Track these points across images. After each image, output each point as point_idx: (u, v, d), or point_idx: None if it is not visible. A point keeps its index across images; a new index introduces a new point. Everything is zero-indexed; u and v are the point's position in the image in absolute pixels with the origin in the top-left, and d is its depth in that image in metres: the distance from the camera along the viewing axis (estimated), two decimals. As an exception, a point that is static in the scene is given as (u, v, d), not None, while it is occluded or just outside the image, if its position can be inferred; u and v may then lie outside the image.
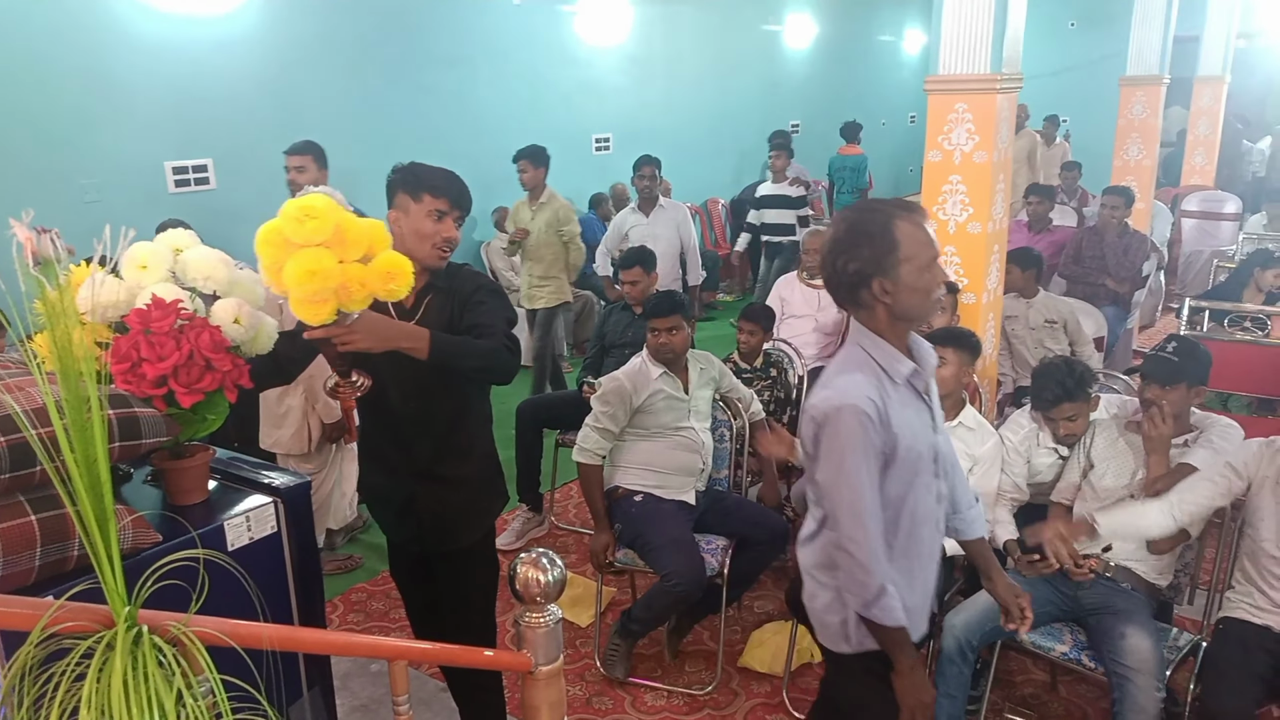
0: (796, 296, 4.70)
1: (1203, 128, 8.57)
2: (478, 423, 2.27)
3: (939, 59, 3.56)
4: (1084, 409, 2.79)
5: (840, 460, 1.73)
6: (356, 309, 1.68)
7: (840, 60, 11.14)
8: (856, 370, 1.78)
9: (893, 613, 1.77)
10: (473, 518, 2.29)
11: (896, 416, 1.76)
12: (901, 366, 1.79)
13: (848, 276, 1.76)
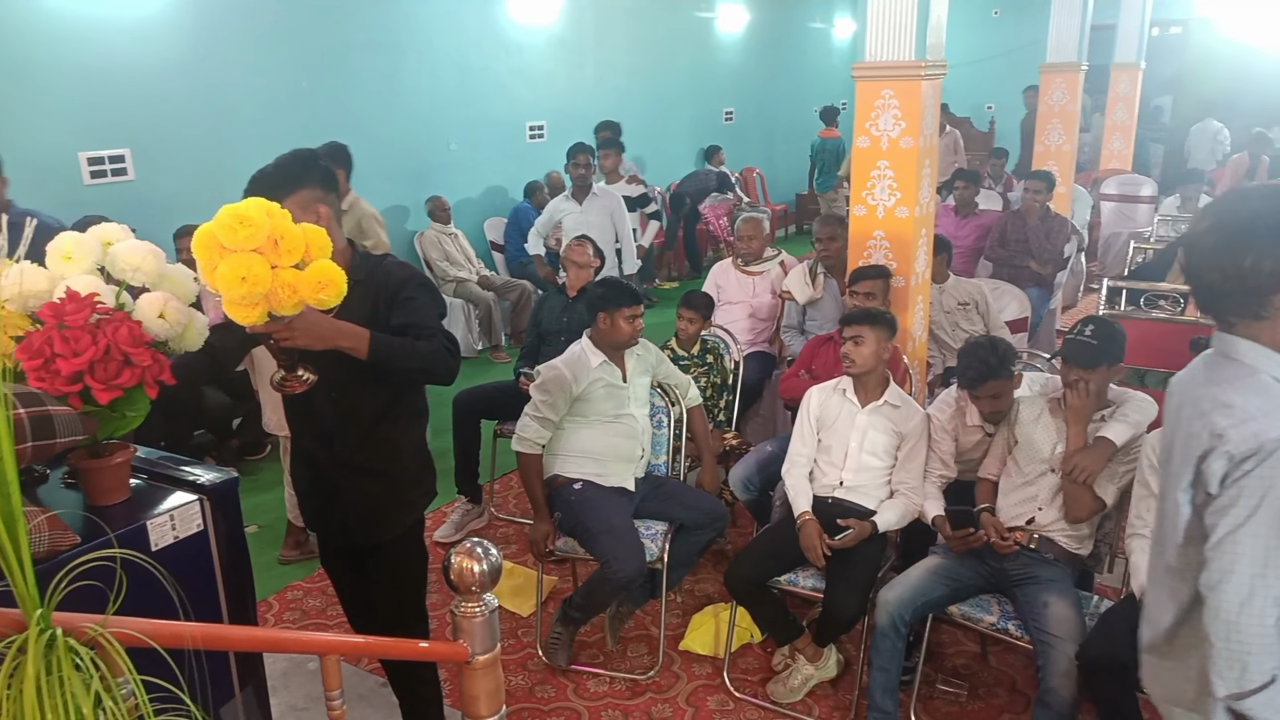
0: (731, 283, 4.74)
1: (1120, 113, 8.85)
2: (407, 417, 2.25)
3: (865, 46, 3.62)
4: (1007, 387, 2.88)
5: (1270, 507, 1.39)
6: (287, 314, 1.66)
7: (773, 47, 11.24)
8: (1260, 396, 1.43)
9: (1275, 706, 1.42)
10: (399, 511, 2.27)
11: None
12: None
13: (1259, 279, 1.42)
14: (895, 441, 3.03)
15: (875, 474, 3.03)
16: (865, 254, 3.87)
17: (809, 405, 3.17)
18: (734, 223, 5.47)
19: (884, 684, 2.68)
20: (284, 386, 1.85)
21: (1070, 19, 6.63)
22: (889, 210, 3.77)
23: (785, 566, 2.95)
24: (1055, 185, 6.07)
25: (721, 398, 3.99)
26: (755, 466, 3.50)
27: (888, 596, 2.68)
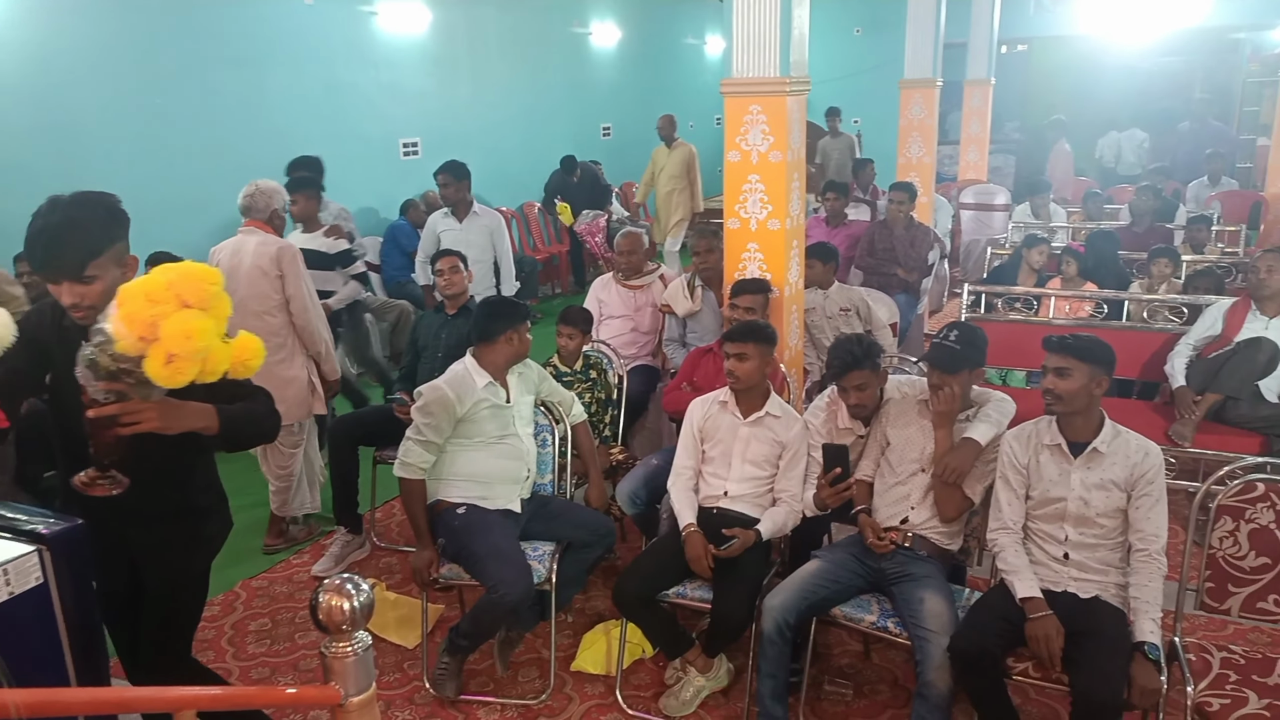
0: (614, 297, 4.75)
1: (974, 127, 9.35)
2: (194, 452, 2.12)
3: (733, 63, 3.69)
4: (872, 379, 2.95)
5: None
6: (181, 383, 1.58)
7: (648, 63, 11.38)
8: None
9: None
10: (193, 551, 2.19)
11: None
12: None
13: None
14: (777, 451, 3.08)
15: (758, 483, 3.08)
16: (740, 266, 3.95)
17: (692, 418, 3.20)
18: (611, 238, 5.49)
19: (773, 689, 2.72)
20: (92, 487, 1.70)
21: (924, 37, 6.97)
22: (761, 223, 3.85)
23: (673, 579, 2.96)
24: (917, 195, 6.35)
25: (606, 413, 3.99)
26: (641, 480, 3.51)
27: (772, 603, 2.72)
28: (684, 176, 8.16)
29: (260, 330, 3.95)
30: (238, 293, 3.88)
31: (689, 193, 8.25)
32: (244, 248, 3.85)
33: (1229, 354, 3.95)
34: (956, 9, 8.94)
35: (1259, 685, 2.34)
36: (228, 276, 4.10)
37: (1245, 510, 2.59)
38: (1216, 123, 10.90)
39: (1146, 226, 6.62)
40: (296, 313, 3.85)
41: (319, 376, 3.99)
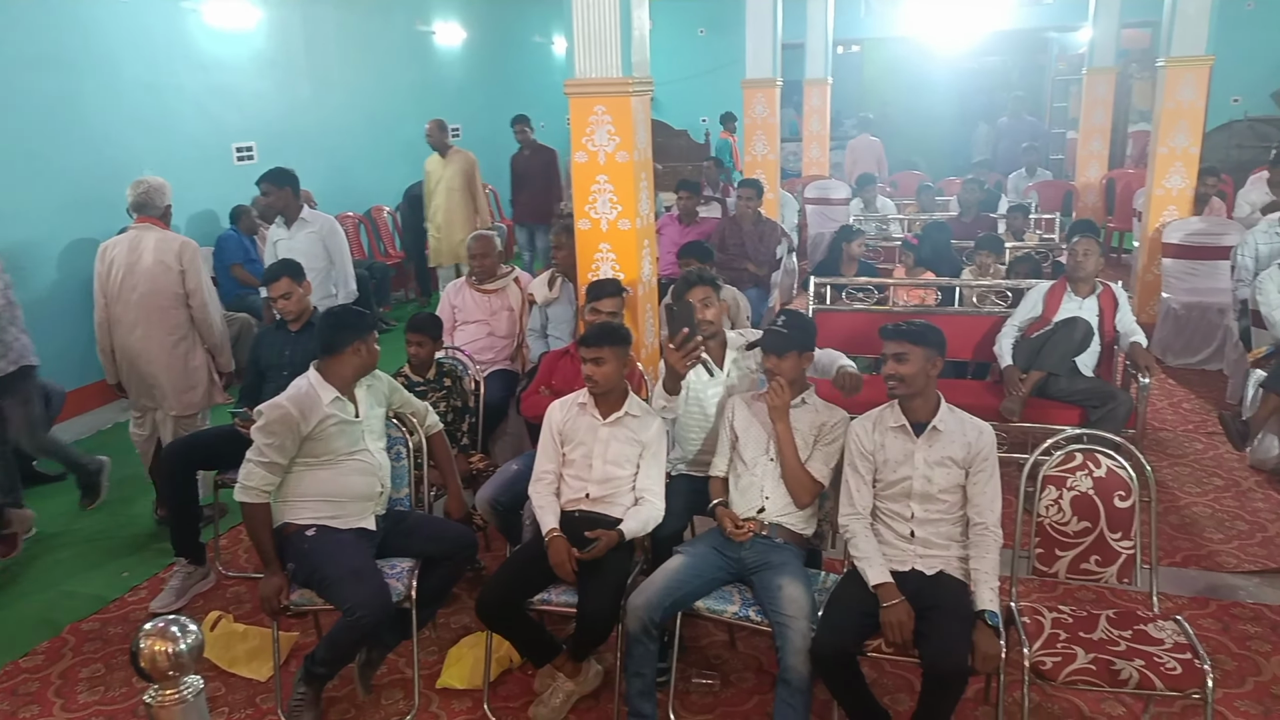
0: (468, 302, 4.66)
1: (815, 124, 9.72)
2: None
3: (575, 63, 3.68)
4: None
5: None
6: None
7: (494, 62, 11.24)
8: None
9: None
10: None
11: None
12: None
13: None
14: (637, 450, 3.09)
15: (620, 483, 3.08)
16: (593, 266, 3.94)
17: (551, 421, 3.17)
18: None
19: (641, 688, 2.73)
20: None
21: (763, 38, 7.18)
22: (612, 223, 3.86)
23: (538, 586, 2.92)
24: (764, 191, 6.53)
25: (464, 421, 3.90)
26: (502, 487, 3.45)
27: (636, 602, 2.73)
28: (464, 190, 7.37)
29: (164, 323, 4.07)
30: (138, 288, 4.01)
31: (471, 208, 7.42)
32: (142, 244, 3.98)
33: (1049, 334, 4.25)
34: (793, 11, 9.27)
35: (1085, 641, 2.52)
36: (126, 272, 4.07)
37: (1067, 479, 2.78)
38: (1030, 118, 11.74)
39: (973, 216, 7.05)
40: (196, 307, 4.08)
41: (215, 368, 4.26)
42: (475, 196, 7.47)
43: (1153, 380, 4.25)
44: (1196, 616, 3.29)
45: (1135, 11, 8.97)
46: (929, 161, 12.88)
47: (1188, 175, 6.37)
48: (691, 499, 3.21)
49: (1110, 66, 9.18)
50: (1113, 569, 2.74)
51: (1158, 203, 6.46)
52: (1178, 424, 5.16)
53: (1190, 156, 6.33)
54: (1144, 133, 8.25)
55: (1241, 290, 5.13)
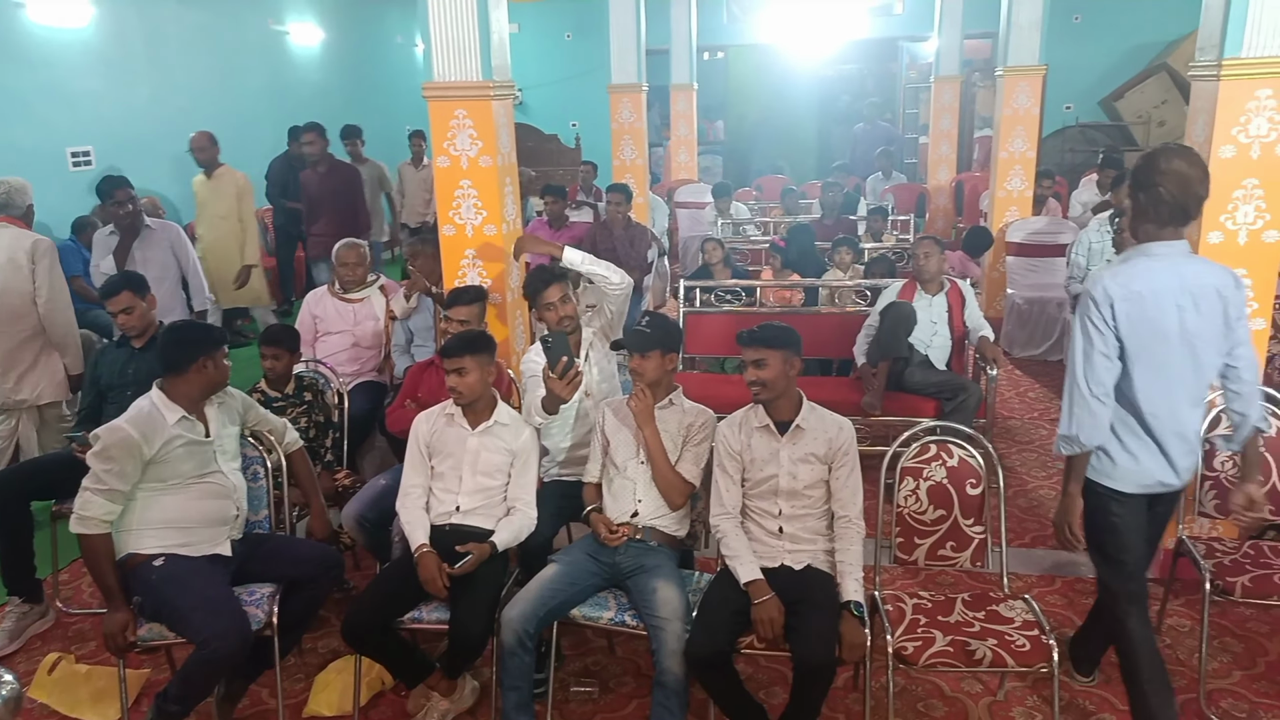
0: (330, 312, 4.50)
1: (682, 129, 9.86)
2: None
3: (433, 66, 3.60)
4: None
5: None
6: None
7: (355, 64, 10.90)
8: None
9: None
10: None
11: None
12: None
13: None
14: (508, 459, 3.04)
15: (492, 494, 3.03)
16: (460, 274, 3.87)
17: (418, 434, 3.08)
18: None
19: (518, 701, 2.68)
20: None
21: (628, 43, 7.23)
22: (477, 229, 3.80)
23: (408, 604, 2.83)
24: (633, 196, 6.57)
25: (327, 436, 3.75)
26: (369, 503, 3.34)
27: (511, 614, 2.68)
28: (235, 216, 6.34)
29: (14, 324, 4.08)
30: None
31: (244, 237, 6.35)
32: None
33: (880, 324, 4.46)
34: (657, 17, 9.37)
35: (943, 625, 2.64)
36: None
37: (923, 469, 2.91)
38: (884, 123, 12.29)
39: (835, 218, 7.31)
40: (42, 303, 4.09)
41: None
42: (247, 226, 6.38)
43: (1000, 372, 4.50)
44: (1044, 593, 3.50)
45: (977, 23, 9.49)
46: (793, 165, 13.28)
47: (1026, 178, 6.79)
48: (564, 505, 3.20)
49: (955, 75, 9.70)
50: (967, 553, 2.88)
51: (1000, 204, 6.86)
52: (1024, 412, 5.49)
53: (1028, 160, 6.76)
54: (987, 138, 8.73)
55: (1073, 286, 5.50)
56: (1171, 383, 2.45)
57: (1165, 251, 2.41)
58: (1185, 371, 2.45)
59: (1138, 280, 2.40)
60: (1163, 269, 2.40)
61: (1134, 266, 2.43)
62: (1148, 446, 2.49)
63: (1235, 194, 3.17)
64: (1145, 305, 2.39)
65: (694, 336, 5.10)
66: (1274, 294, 3.31)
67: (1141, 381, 2.44)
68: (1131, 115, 10.83)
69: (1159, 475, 2.51)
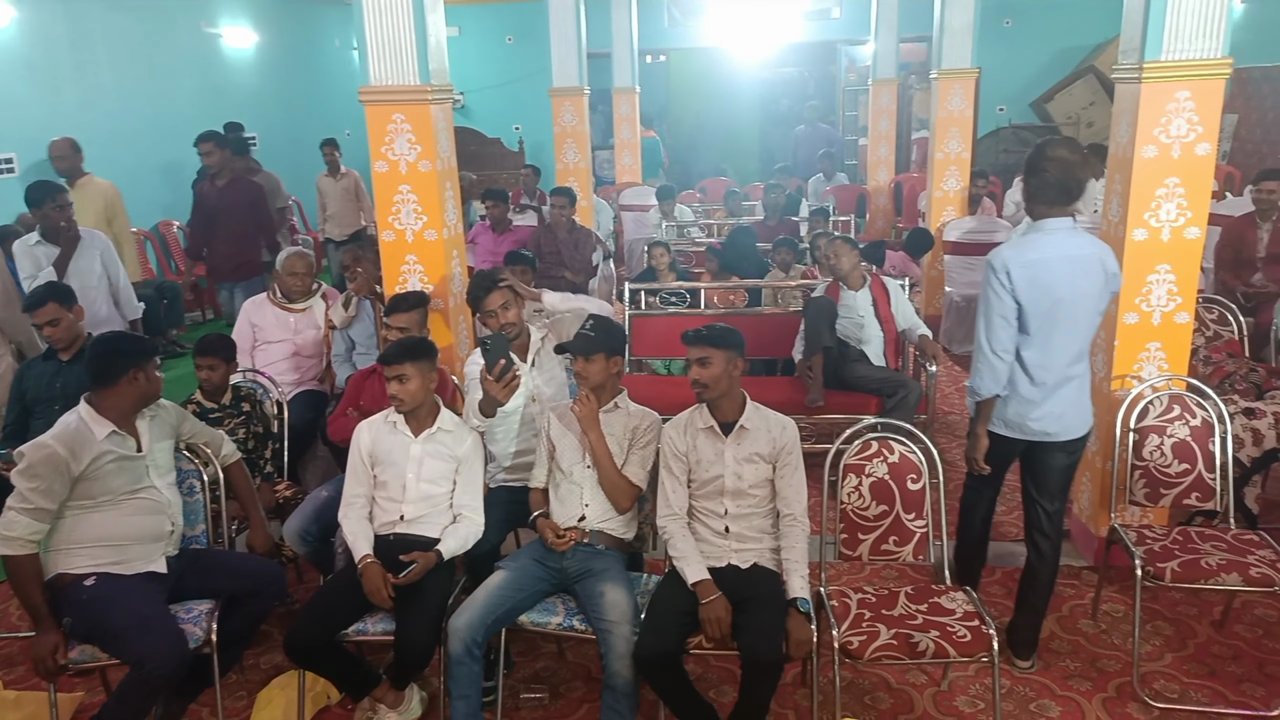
0: (270, 320, 4.42)
1: (625, 132, 9.87)
2: None
3: (369, 70, 3.56)
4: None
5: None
6: None
7: (293, 68, 10.71)
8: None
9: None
10: None
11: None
12: None
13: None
14: (453, 466, 3.01)
15: (437, 501, 2.99)
16: (401, 279, 3.82)
17: (359, 443, 3.04)
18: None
19: (465, 711, 2.66)
20: None
21: (568, 47, 7.21)
22: (418, 234, 3.75)
23: (353, 616, 2.79)
24: (577, 199, 6.56)
25: (267, 447, 3.67)
26: (311, 515, 3.28)
27: (457, 623, 2.66)
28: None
29: None
30: None
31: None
32: None
33: (804, 318, 4.57)
34: (597, 20, 9.37)
35: (887, 618, 2.68)
36: None
37: (865, 466, 2.95)
38: (825, 125, 12.45)
39: (777, 220, 7.38)
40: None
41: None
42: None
43: (940, 369, 4.59)
44: (985, 584, 3.56)
45: (912, 27, 9.67)
46: (736, 167, 13.39)
47: (962, 178, 6.94)
48: (511, 510, 3.18)
49: (892, 78, 9.87)
50: (909, 547, 2.93)
51: (937, 204, 7.00)
52: (964, 408, 5.58)
53: (963, 161, 6.91)
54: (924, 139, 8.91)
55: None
56: (1059, 340, 2.83)
57: (1055, 227, 2.81)
58: (1070, 330, 2.83)
59: (1032, 251, 2.80)
60: (1052, 242, 2.79)
61: (1029, 240, 2.85)
62: (1032, 398, 2.89)
63: (1158, 192, 3.28)
64: (1037, 271, 2.77)
65: (640, 339, 5.11)
66: (1196, 288, 3.42)
67: (1035, 339, 2.83)
68: (1061, 116, 11.14)
69: (1038, 422, 2.90)
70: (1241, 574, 2.81)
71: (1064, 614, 3.37)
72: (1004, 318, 2.80)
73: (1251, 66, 8.78)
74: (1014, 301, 2.78)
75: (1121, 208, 3.37)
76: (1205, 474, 3.18)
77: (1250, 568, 2.83)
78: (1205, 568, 2.85)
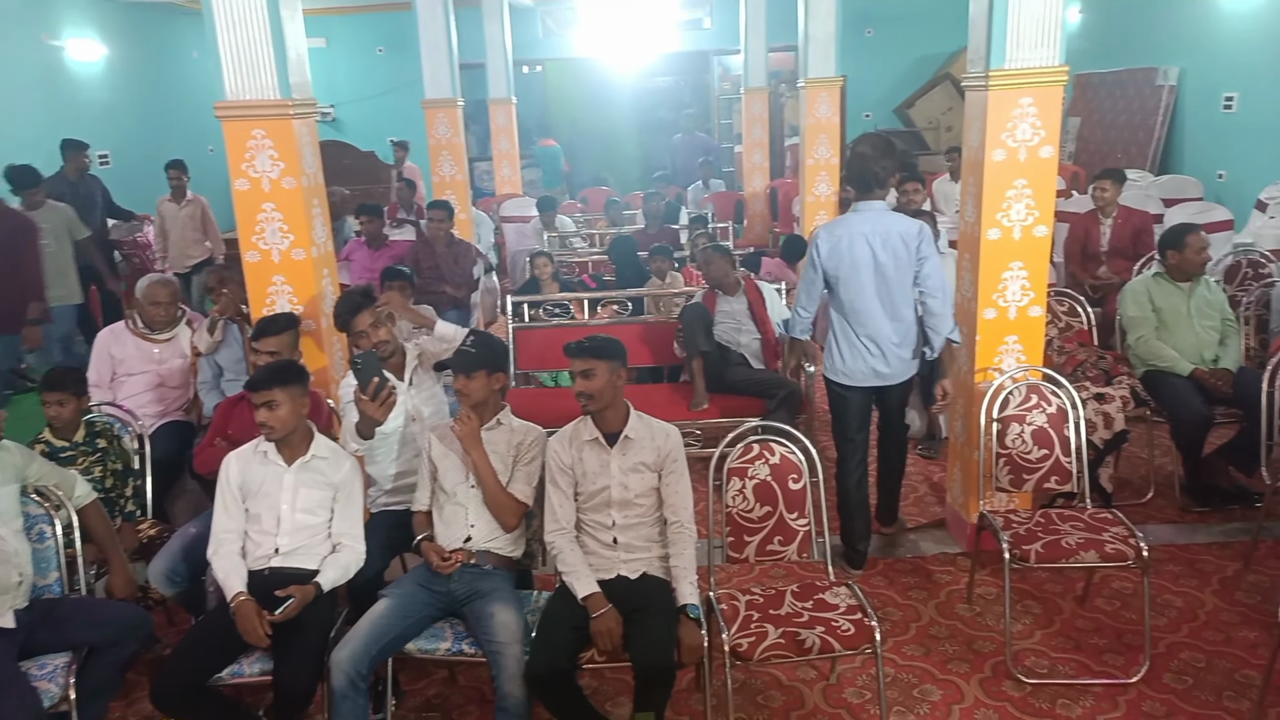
0: (131, 351, 4.19)
1: (503, 144, 9.79)
2: None
3: (225, 83, 3.41)
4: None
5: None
6: None
7: (148, 83, 10.17)
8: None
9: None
10: None
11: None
12: None
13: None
14: (330, 494, 2.91)
15: (314, 531, 2.88)
16: (269, 300, 3.67)
17: (228, 475, 2.90)
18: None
19: (353, 747, 2.56)
20: None
21: (439, 58, 7.10)
22: (284, 253, 3.62)
23: (227, 658, 2.65)
24: (455, 212, 6.46)
25: (127, 485, 3.47)
26: (179, 554, 3.10)
27: (339, 656, 2.56)
28: None
29: None
30: None
31: None
32: None
33: (681, 324, 4.67)
34: (470, 30, 9.28)
35: (774, 618, 2.72)
36: None
37: (748, 469, 3.00)
38: (701, 134, 12.68)
39: (658, 228, 7.46)
40: None
41: None
42: None
43: (817, 369, 4.72)
44: (869, 577, 3.69)
45: (780, 36, 9.94)
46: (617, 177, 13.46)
47: (832, 183, 7.18)
48: (394, 535, 3.10)
49: (763, 86, 10.13)
50: (793, 546, 3.00)
51: (810, 209, 7.21)
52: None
53: (832, 167, 7.14)
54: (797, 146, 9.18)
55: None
56: (871, 301, 3.48)
57: (865, 208, 3.47)
58: (880, 293, 3.47)
59: (840, 228, 3.49)
60: (860, 220, 3.46)
61: (841, 219, 3.57)
62: (859, 350, 3.56)
63: (1008, 194, 3.46)
64: (842, 244, 3.44)
65: (524, 352, 5.06)
66: (1047, 283, 3.63)
67: (848, 300, 3.51)
68: (923, 122, 11.67)
69: (871, 371, 3.56)
70: (1098, 551, 2.99)
71: (942, 600, 3.50)
72: (810, 281, 3.57)
73: (1090, 72, 9.41)
74: (820, 267, 3.49)
75: (976, 209, 3.54)
76: (1062, 458, 3.37)
77: (1105, 544, 3.01)
78: (1065, 547, 3.02)
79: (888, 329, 3.49)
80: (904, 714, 2.90)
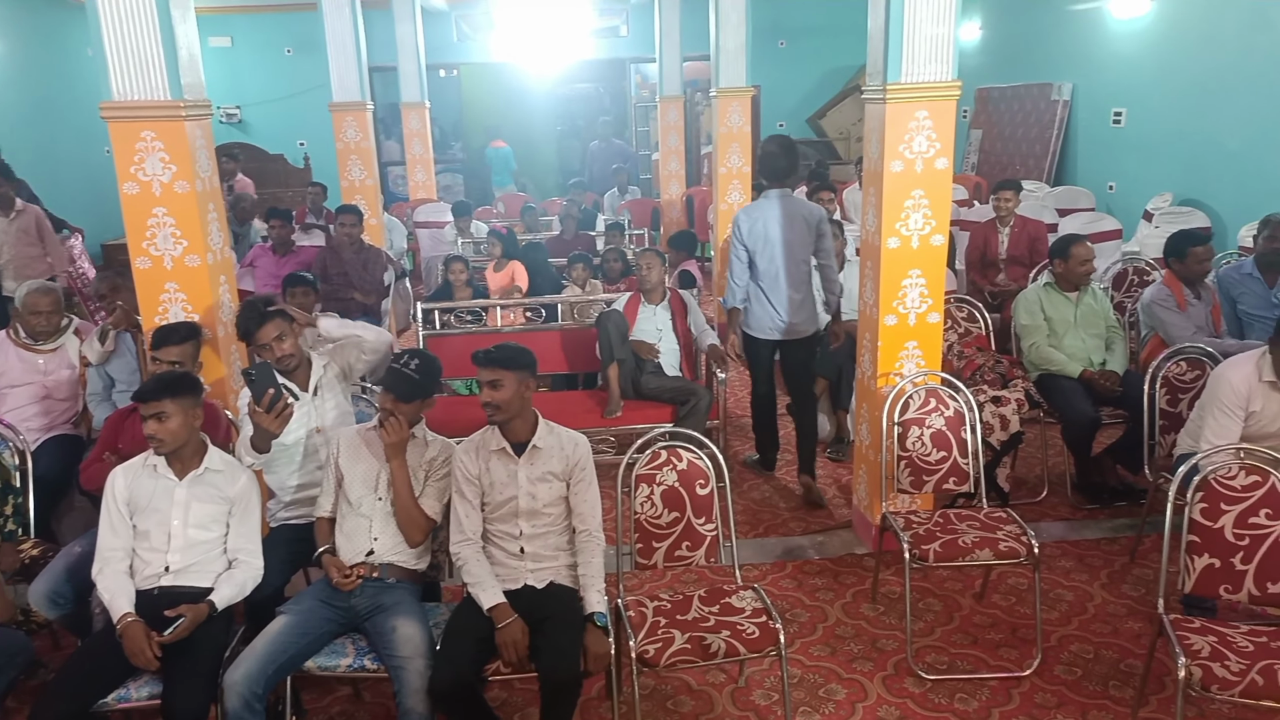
0: (13, 363, 3.99)
1: (416, 148, 9.64)
2: None
3: (111, 83, 3.27)
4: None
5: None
6: None
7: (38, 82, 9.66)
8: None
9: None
10: None
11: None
12: None
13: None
14: (225, 508, 2.81)
15: (208, 548, 2.78)
16: (161, 309, 3.53)
17: (114, 490, 2.78)
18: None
19: (250, 771, 2.47)
20: None
21: (347, 60, 6.95)
22: (178, 259, 3.48)
23: (112, 683, 2.53)
24: (364, 217, 6.33)
25: (6, 502, 3.28)
26: (63, 574, 2.96)
27: (234, 676, 2.47)
28: None
29: None
30: None
31: None
32: None
33: (599, 332, 4.66)
34: (381, 33, 9.11)
35: (681, 623, 2.74)
36: None
37: (656, 475, 3.01)
38: (618, 141, 12.71)
39: (574, 234, 7.45)
40: None
41: None
42: None
43: (731, 373, 4.78)
44: (778, 579, 3.74)
45: (695, 46, 10.01)
46: (535, 182, 13.40)
47: (744, 191, 7.27)
48: (294, 549, 3.01)
49: (678, 95, 10.20)
50: (701, 551, 3.02)
51: (724, 216, 7.29)
52: (756, 409, 5.85)
53: (744, 175, 7.24)
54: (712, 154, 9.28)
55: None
56: (778, 269, 4.24)
57: (773, 195, 4.26)
58: (784, 263, 4.23)
59: (755, 211, 4.27)
60: (770, 204, 4.24)
61: (756, 204, 4.36)
62: (767, 309, 4.31)
63: (906, 204, 3.57)
64: (758, 225, 4.22)
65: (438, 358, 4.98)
66: (944, 290, 3.75)
67: (763, 269, 4.26)
68: (834, 131, 11.95)
69: (775, 325, 4.31)
70: (993, 549, 3.10)
71: (848, 600, 3.58)
72: (737, 256, 4.28)
73: (990, 86, 9.77)
74: (743, 244, 4.24)
75: (876, 218, 3.64)
76: (960, 460, 3.48)
77: (1000, 542, 3.12)
78: (962, 546, 3.11)
79: (790, 292, 4.25)
80: (810, 714, 2.95)
